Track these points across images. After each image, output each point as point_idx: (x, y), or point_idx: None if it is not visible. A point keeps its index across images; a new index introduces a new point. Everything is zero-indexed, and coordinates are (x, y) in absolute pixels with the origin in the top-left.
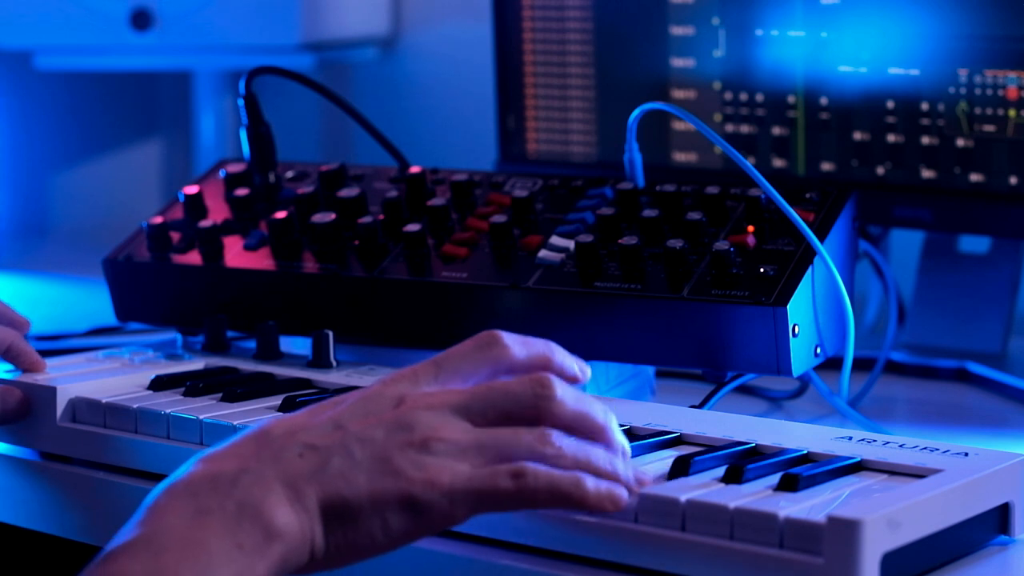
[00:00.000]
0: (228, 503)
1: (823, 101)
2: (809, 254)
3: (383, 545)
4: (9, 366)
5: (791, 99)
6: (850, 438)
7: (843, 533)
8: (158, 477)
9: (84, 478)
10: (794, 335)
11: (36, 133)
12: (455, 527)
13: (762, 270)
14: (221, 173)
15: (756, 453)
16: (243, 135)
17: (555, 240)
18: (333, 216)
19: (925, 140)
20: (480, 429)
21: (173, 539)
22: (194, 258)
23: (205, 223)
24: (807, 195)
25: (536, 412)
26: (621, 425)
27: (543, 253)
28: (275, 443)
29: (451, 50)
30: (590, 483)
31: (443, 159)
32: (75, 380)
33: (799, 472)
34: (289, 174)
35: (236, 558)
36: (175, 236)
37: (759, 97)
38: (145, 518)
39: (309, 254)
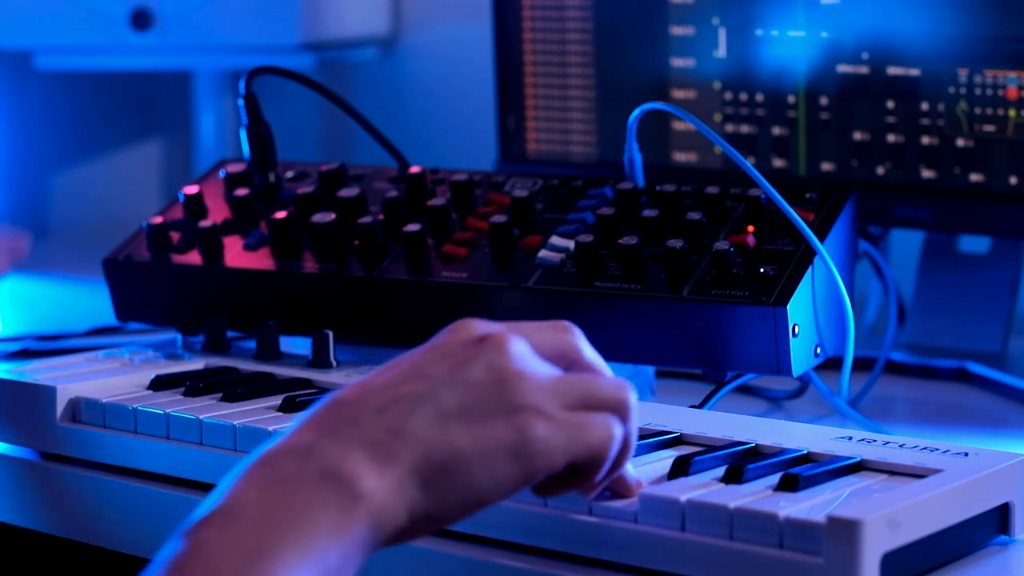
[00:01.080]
0: (308, 469)
1: (823, 101)
2: (809, 254)
3: (492, 496)
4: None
5: (791, 99)
6: (850, 438)
7: (843, 533)
8: (158, 477)
9: (84, 478)
10: (794, 335)
11: (36, 133)
12: (449, 528)
13: (762, 270)
14: (221, 173)
15: (756, 453)
16: (243, 135)
17: (555, 240)
18: (333, 216)
19: (925, 140)
20: (563, 374)
21: (252, 506)
22: (194, 258)
23: (205, 223)
24: (807, 195)
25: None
26: None
27: (543, 253)
28: (349, 407)
29: (451, 50)
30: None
31: (443, 159)
32: (75, 380)
33: (799, 472)
34: (289, 174)
35: (320, 520)
36: (175, 236)
37: (759, 97)
38: (222, 491)
39: (309, 254)
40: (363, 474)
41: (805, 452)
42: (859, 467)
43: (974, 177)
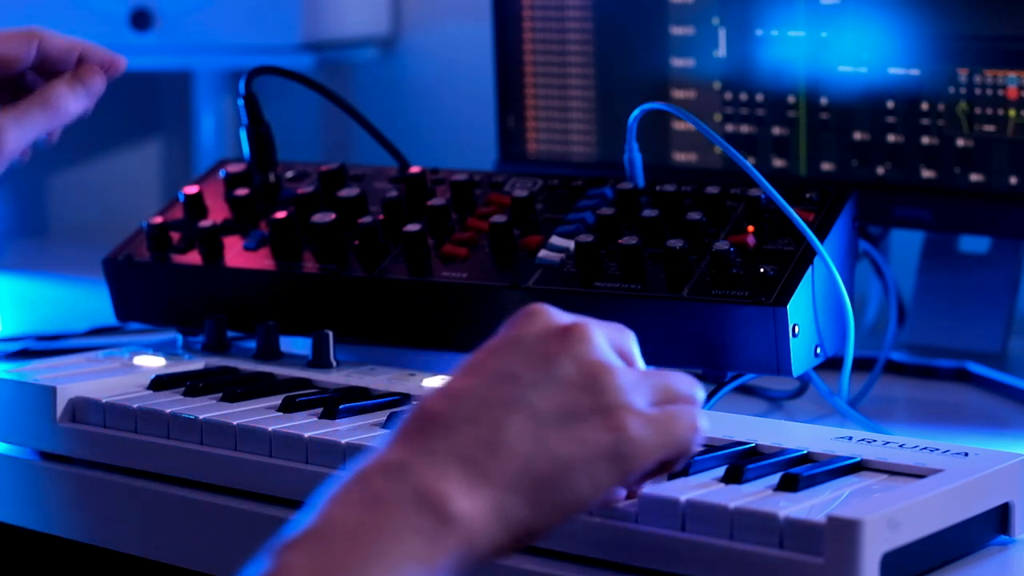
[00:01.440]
0: (403, 489)
1: (823, 101)
2: (809, 254)
3: (592, 501)
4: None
5: (791, 99)
6: (850, 438)
7: (843, 533)
8: (158, 477)
9: (84, 478)
10: (794, 335)
11: None
12: None
13: (762, 270)
14: (221, 173)
15: (756, 453)
16: (243, 135)
17: (555, 240)
18: (333, 216)
19: (925, 140)
20: (641, 370)
21: (342, 527)
22: (194, 258)
23: (205, 223)
24: (807, 195)
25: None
26: None
27: (543, 253)
28: (440, 418)
29: (451, 50)
30: None
31: (443, 159)
32: (75, 380)
33: (799, 472)
34: (289, 174)
35: (410, 545)
36: (175, 236)
37: (759, 97)
38: (316, 509)
39: (309, 254)
40: (457, 495)
41: (805, 452)
42: (859, 467)
43: (974, 177)
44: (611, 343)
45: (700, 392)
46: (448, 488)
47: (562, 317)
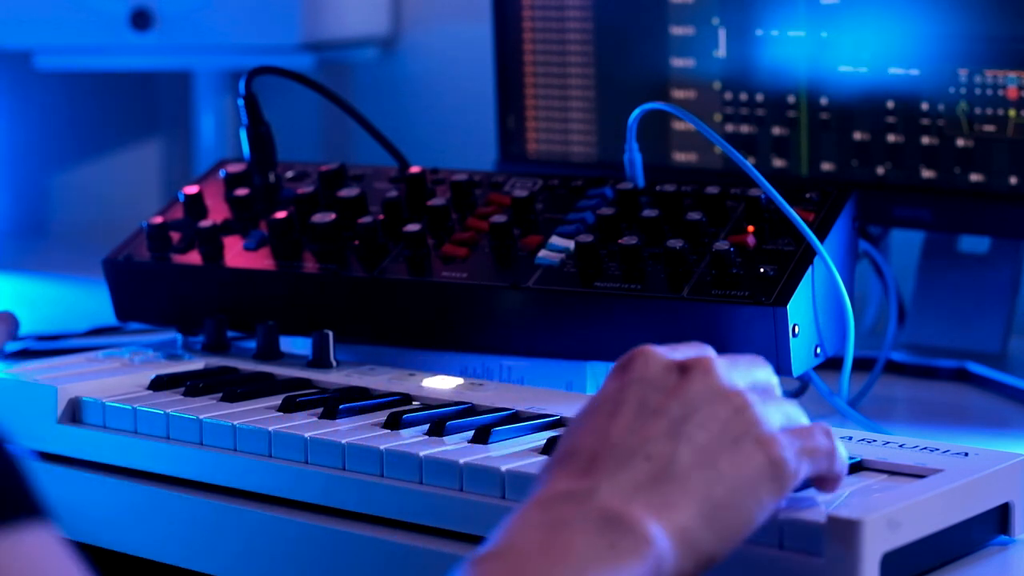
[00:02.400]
0: (589, 511)
1: (823, 101)
2: (809, 254)
3: (759, 521)
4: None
5: (791, 99)
6: (850, 438)
7: (843, 533)
8: (158, 477)
9: (84, 478)
10: (794, 335)
11: (36, 133)
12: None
13: (762, 270)
14: (221, 173)
15: None
16: (243, 135)
17: (555, 240)
18: (333, 216)
19: (925, 140)
20: (765, 390)
21: (535, 546)
22: (194, 258)
23: (205, 223)
24: (807, 195)
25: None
26: None
27: (543, 253)
28: (606, 455)
29: (451, 50)
30: None
31: (443, 159)
32: (75, 380)
33: None
34: (289, 174)
35: (605, 558)
36: (175, 236)
37: (759, 97)
38: (500, 533)
39: (309, 254)
40: (647, 519)
41: None
42: (859, 467)
43: (974, 177)
44: (733, 370)
45: (803, 415)
46: (636, 511)
47: (673, 353)
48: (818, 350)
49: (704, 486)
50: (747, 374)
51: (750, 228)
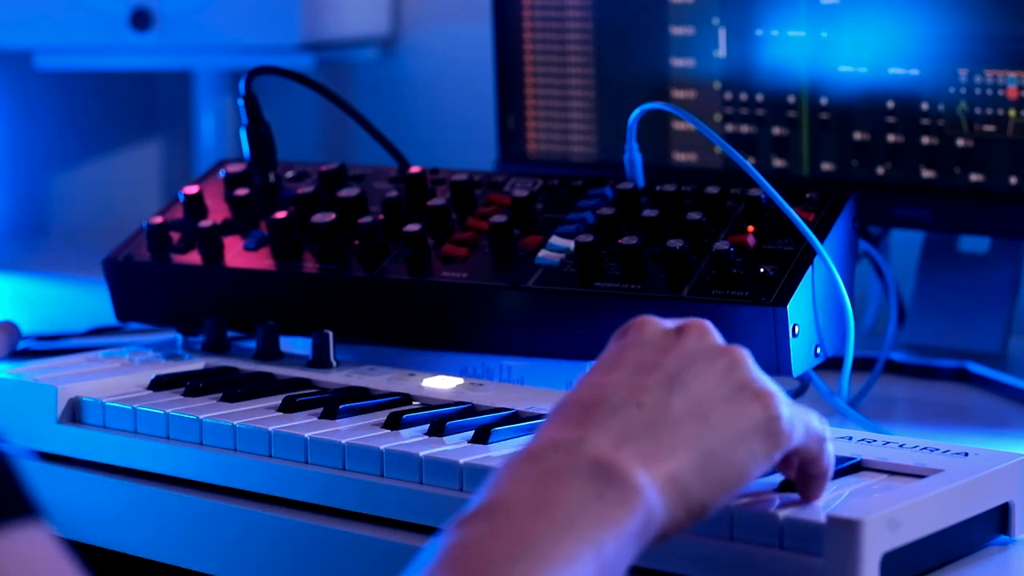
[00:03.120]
0: (579, 461)
1: (823, 101)
2: (809, 254)
3: (753, 474)
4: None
5: (791, 99)
6: (850, 438)
7: (843, 533)
8: (158, 477)
9: (84, 478)
10: (794, 335)
11: (36, 133)
12: None
13: (762, 270)
14: (221, 173)
15: None
16: (243, 135)
17: (555, 240)
18: (333, 216)
19: (925, 140)
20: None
21: (523, 499)
22: (194, 258)
23: (205, 223)
24: (807, 195)
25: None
26: None
27: (543, 253)
28: (603, 405)
29: (451, 50)
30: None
31: (443, 159)
32: (75, 380)
33: None
34: (289, 174)
35: (595, 509)
36: (175, 236)
37: (759, 97)
38: (488, 488)
39: (309, 254)
40: (636, 468)
41: None
42: (859, 467)
43: (974, 177)
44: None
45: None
46: (625, 460)
47: (669, 322)
48: (818, 350)
49: (696, 435)
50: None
51: (750, 228)
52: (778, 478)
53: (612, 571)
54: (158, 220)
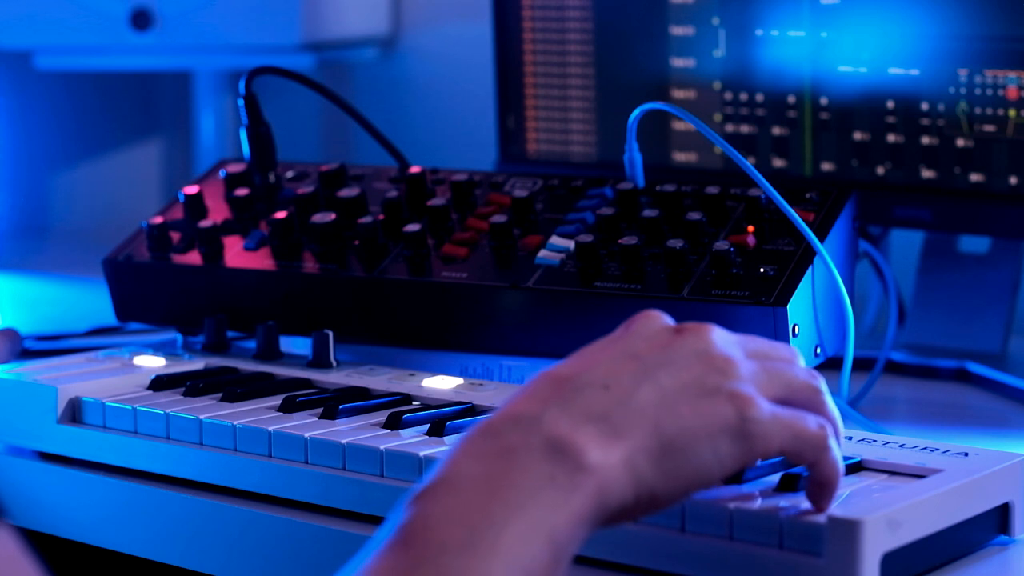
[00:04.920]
0: (534, 439)
1: (823, 101)
2: (809, 254)
3: (714, 475)
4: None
5: (791, 99)
6: (850, 438)
7: (843, 533)
8: (158, 477)
9: (84, 478)
10: (794, 335)
11: (36, 133)
12: None
13: (762, 270)
14: (221, 173)
15: None
16: (243, 135)
17: (555, 240)
18: (333, 216)
19: (925, 140)
20: (762, 362)
21: (476, 478)
22: (194, 258)
23: (205, 223)
24: (807, 195)
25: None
26: None
27: (543, 253)
28: (572, 382)
29: (451, 50)
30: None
31: (443, 159)
32: (75, 380)
33: (799, 472)
34: (289, 174)
35: (547, 492)
36: (175, 236)
37: (759, 97)
38: (445, 462)
39: (309, 254)
40: (591, 447)
41: None
42: (859, 467)
43: (974, 177)
44: (734, 342)
45: (825, 394)
46: (581, 439)
47: (672, 321)
48: (818, 350)
49: (658, 421)
50: (755, 347)
51: (750, 228)
52: (778, 478)
53: (563, 553)
54: (158, 220)
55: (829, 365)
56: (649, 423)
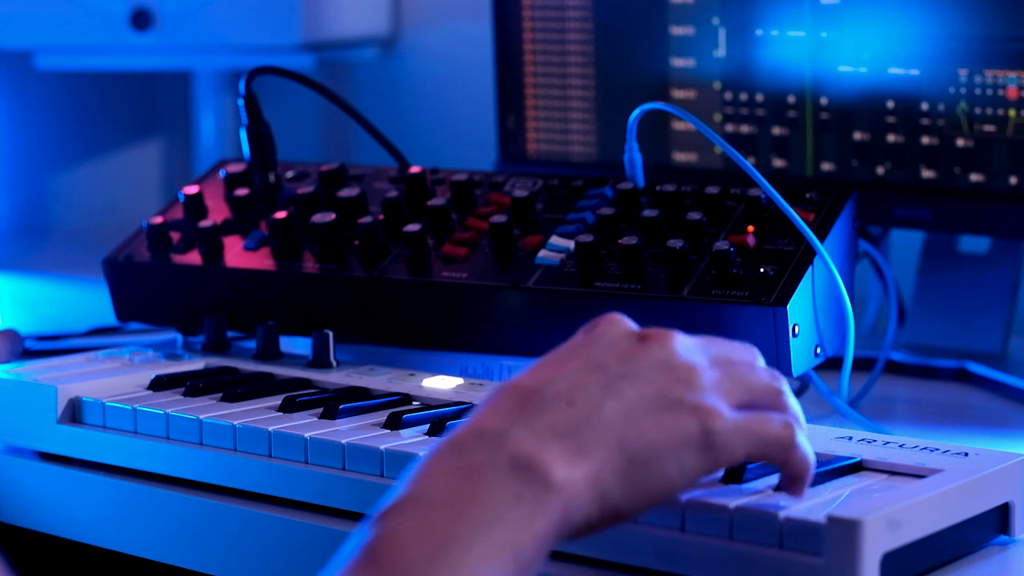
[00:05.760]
0: (500, 457)
1: (823, 101)
2: (809, 254)
3: (679, 487)
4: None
5: (791, 99)
6: (850, 438)
7: (843, 533)
8: (158, 477)
9: (84, 478)
10: (794, 335)
11: (36, 133)
12: None
13: (762, 270)
14: (221, 173)
15: None
16: (243, 135)
17: (555, 240)
18: (333, 216)
19: (925, 140)
20: (729, 370)
21: (443, 495)
22: (194, 258)
23: (205, 223)
24: (807, 195)
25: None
26: None
27: (543, 253)
28: (536, 396)
29: (451, 50)
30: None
31: (443, 159)
32: (75, 380)
33: None
34: (289, 174)
35: (513, 511)
36: (175, 236)
37: (759, 97)
38: (412, 478)
39: (309, 254)
40: (557, 465)
41: None
42: (859, 467)
43: (974, 177)
44: (696, 348)
45: (786, 393)
46: (548, 457)
47: (636, 326)
48: (818, 350)
49: (622, 437)
50: (716, 352)
51: (750, 228)
52: (776, 478)
53: (526, 571)
54: (158, 220)
55: (829, 365)
56: (614, 439)
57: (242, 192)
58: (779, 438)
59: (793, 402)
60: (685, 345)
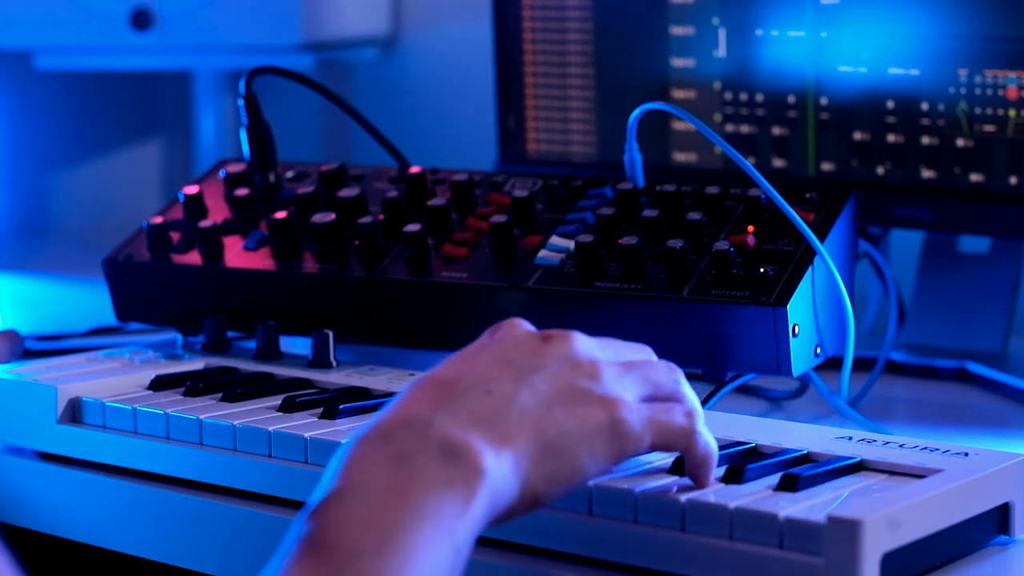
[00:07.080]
0: (427, 443)
1: (823, 101)
2: (809, 254)
3: (591, 473)
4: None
5: (791, 99)
6: (850, 438)
7: (843, 533)
8: (158, 477)
9: (84, 478)
10: (794, 335)
11: (36, 133)
12: None
13: (762, 270)
14: (221, 173)
15: (756, 453)
16: (243, 135)
17: (555, 240)
18: (333, 216)
19: (925, 140)
20: (630, 366)
21: (378, 483)
22: (194, 258)
23: (205, 223)
24: (807, 195)
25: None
26: None
27: (543, 253)
28: (455, 386)
29: (451, 50)
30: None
31: (443, 159)
32: (75, 380)
33: (799, 472)
34: (289, 174)
35: (447, 496)
36: (175, 236)
37: (759, 97)
38: (342, 469)
39: (309, 254)
40: (483, 451)
41: (805, 452)
42: (859, 467)
43: (974, 177)
44: (597, 346)
45: (684, 385)
46: (475, 443)
47: (535, 329)
48: (818, 350)
49: (538, 426)
50: (614, 352)
51: (750, 228)
52: (778, 478)
53: (461, 553)
54: (158, 220)
55: (829, 365)
56: (531, 427)
57: (242, 192)
58: (681, 427)
59: (691, 394)
60: (586, 344)
